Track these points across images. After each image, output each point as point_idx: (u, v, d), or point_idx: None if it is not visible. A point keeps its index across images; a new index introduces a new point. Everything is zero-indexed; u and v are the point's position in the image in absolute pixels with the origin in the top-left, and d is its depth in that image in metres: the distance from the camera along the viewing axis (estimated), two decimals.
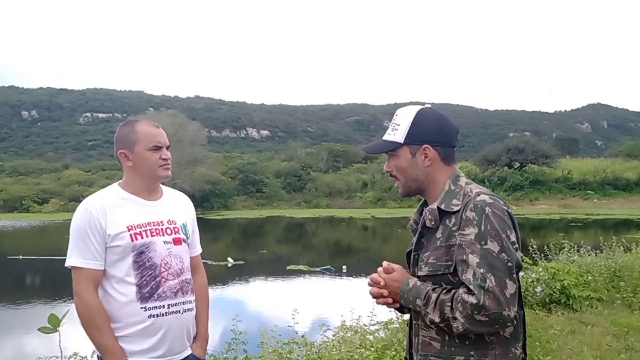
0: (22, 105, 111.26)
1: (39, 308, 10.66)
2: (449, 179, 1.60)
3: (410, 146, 1.61)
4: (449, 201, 1.54)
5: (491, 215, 1.45)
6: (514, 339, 1.52)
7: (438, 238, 1.54)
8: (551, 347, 4.76)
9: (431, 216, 1.56)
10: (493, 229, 1.43)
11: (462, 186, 1.57)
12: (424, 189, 1.64)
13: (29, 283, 15.63)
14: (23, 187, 50.81)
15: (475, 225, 1.44)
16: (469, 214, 1.47)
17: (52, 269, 16.41)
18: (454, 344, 1.50)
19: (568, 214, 36.54)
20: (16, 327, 9.41)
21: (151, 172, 2.03)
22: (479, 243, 1.42)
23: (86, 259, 1.92)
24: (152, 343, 1.94)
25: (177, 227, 2.06)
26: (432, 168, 1.60)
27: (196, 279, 2.14)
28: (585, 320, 5.94)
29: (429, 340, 1.54)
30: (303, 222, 35.98)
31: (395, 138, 1.62)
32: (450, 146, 1.63)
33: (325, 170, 56.88)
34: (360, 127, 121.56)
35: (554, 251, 8.51)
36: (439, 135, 1.60)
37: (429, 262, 1.54)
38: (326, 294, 11.82)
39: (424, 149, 1.59)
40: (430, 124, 1.61)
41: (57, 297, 11.77)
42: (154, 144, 2.02)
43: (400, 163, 1.64)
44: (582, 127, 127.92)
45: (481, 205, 1.47)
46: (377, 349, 4.22)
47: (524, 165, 48.17)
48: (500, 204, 1.50)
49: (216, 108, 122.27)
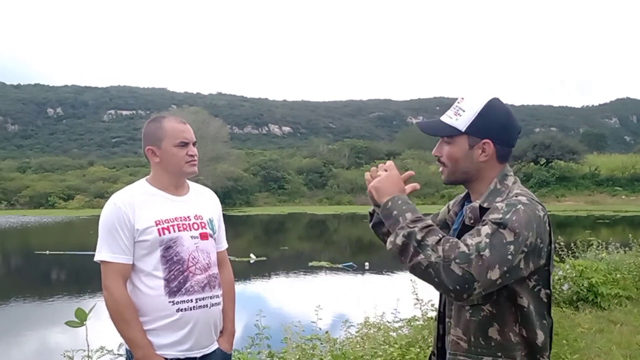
0: (47, 103, 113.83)
1: (66, 302, 10.89)
2: (496, 177, 1.52)
3: (470, 137, 1.50)
4: (492, 200, 1.47)
5: (521, 212, 1.38)
6: (543, 348, 1.47)
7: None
8: (579, 346, 4.67)
9: (471, 214, 1.48)
10: (517, 222, 1.36)
11: (509, 185, 1.50)
12: (471, 182, 1.56)
13: (56, 278, 15.99)
14: (49, 184, 51.96)
15: (502, 213, 1.38)
16: (498, 205, 1.41)
17: (78, 264, 16.77)
18: (479, 344, 1.46)
19: (595, 210, 35.82)
20: (44, 321, 9.64)
21: (178, 168, 2.05)
22: (497, 225, 1.35)
23: (115, 253, 1.95)
24: (180, 336, 1.96)
25: (203, 222, 2.08)
26: (486, 164, 1.51)
27: (223, 274, 2.15)
28: (614, 318, 5.82)
29: (457, 339, 1.51)
30: (325, 219, 36.02)
31: (456, 124, 1.51)
32: (510, 146, 1.54)
33: (347, 167, 56.83)
34: (383, 123, 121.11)
35: (581, 248, 8.35)
36: (502, 132, 1.52)
37: None
38: (348, 291, 11.81)
39: (484, 143, 1.50)
40: (497, 119, 1.51)
41: (83, 291, 12.02)
42: (180, 140, 2.03)
43: (454, 152, 1.52)
44: (610, 122, 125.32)
45: (514, 202, 1.41)
46: (401, 346, 4.19)
47: (550, 161, 47.39)
48: (537, 208, 1.42)
49: (238, 105, 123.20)
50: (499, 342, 1.44)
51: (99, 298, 2.00)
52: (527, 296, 1.44)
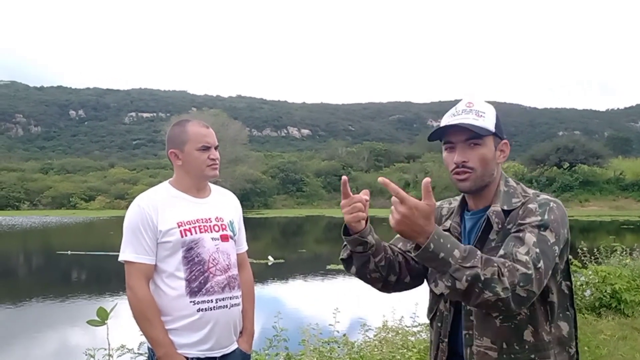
0: (69, 105, 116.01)
1: (87, 302, 11.06)
2: (501, 180, 1.53)
3: (495, 138, 1.49)
4: (510, 201, 1.48)
5: (555, 209, 1.41)
6: (569, 338, 1.48)
7: (492, 239, 1.46)
8: (601, 353, 4.61)
9: (497, 219, 1.46)
10: (555, 221, 1.39)
11: (514, 186, 1.51)
12: (487, 187, 1.51)
13: (77, 278, 16.21)
14: (71, 185, 52.97)
15: (539, 214, 1.39)
16: (531, 206, 1.42)
17: (98, 265, 17.01)
18: (513, 350, 1.42)
19: (620, 216, 35.16)
20: (65, 320, 9.80)
21: (199, 172, 2.08)
22: (538, 228, 1.37)
23: (139, 254, 1.98)
24: (201, 336, 1.99)
25: (224, 224, 2.11)
26: (499, 166, 1.52)
27: (242, 275, 2.17)
28: (637, 326, 5.72)
29: (484, 350, 1.45)
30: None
31: (485, 124, 1.46)
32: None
33: (366, 170, 56.80)
34: (403, 126, 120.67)
35: (604, 254, 8.20)
36: (504, 134, 1.54)
37: None
38: (366, 295, 11.77)
39: (505, 144, 1.51)
40: (499, 120, 1.52)
41: (104, 291, 12.19)
42: (203, 144, 2.07)
43: (486, 153, 1.46)
44: (636, 125, 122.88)
45: (545, 201, 1.43)
46: (420, 350, 4.18)
47: (574, 165, 46.70)
48: (560, 203, 1.46)
49: (258, 107, 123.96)
50: (533, 344, 1.42)
51: (119, 298, 2.04)
52: (555, 291, 1.45)
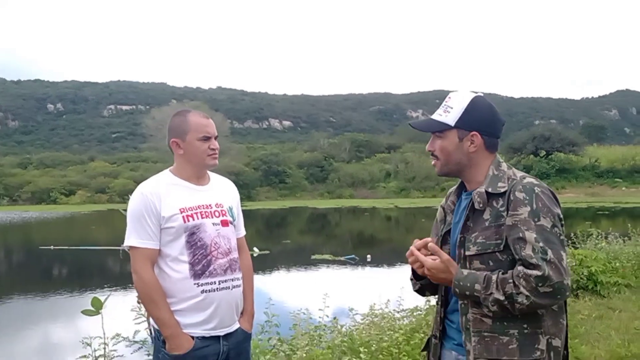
0: (47, 99, 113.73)
1: (78, 295, 11.06)
2: (491, 165, 1.67)
3: (459, 130, 1.66)
4: (495, 184, 1.62)
5: (541, 194, 1.55)
6: (561, 310, 1.61)
7: (486, 219, 1.60)
8: (579, 331, 4.81)
9: (480, 199, 1.61)
10: (544, 207, 1.53)
11: (505, 171, 1.65)
12: (464, 172, 1.70)
13: (64, 272, 16.14)
14: (50, 179, 52.19)
15: (527, 204, 1.53)
16: (518, 195, 1.55)
17: (83, 259, 16.94)
18: (505, 318, 1.56)
19: (595, 202, 35.99)
20: (59, 314, 9.79)
21: (200, 161, 2.17)
22: (532, 220, 1.51)
23: (143, 239, 2.07)
24: (205, 316, 2.09)
25: (224, 210, 2.21)
26: (476, 154, 1.67)
27: (242, 259, 2.27)
28: (612, 305, 5.96)
29: (480, 317, 1.59)
30: (326, 213, 36.18)
31: (446, 120, 1.67)
32: (496, 137, 1.70)
33: (348, 161, 57.00)
34: (383, 117, 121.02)
35: (581, 239, 8.48)
36: (488, 125, 1.67)
37: (478, 242, 1.59)
38: (352, 283, 11.96)
39: (472, 135, 1.66)
40: (482, 113, 1.67)
41: (92, 285, 12.18)
42: (204, 134, 2.15)
43: (446, 145, 1.69)
44: (610, 114, 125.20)
45: (529, 186, 1.56)
46: (406, 332, 4.33)
47: (550, 154, 47.53)
48: (545, 185, 1.60)
49: (238, 99, 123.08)
50: (524, 314, 1.54)
51: (111, 290, 2.13)
52: None
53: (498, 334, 1.57)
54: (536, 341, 1.55)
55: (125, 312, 3.59)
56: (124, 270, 15.12)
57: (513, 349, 1.55)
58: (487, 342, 1.58)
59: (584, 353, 4.23)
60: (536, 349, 1.55)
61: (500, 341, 1.56)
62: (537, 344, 1.55)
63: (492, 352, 1.57)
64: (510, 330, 1.56)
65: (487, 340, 1.58)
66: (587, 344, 4.52)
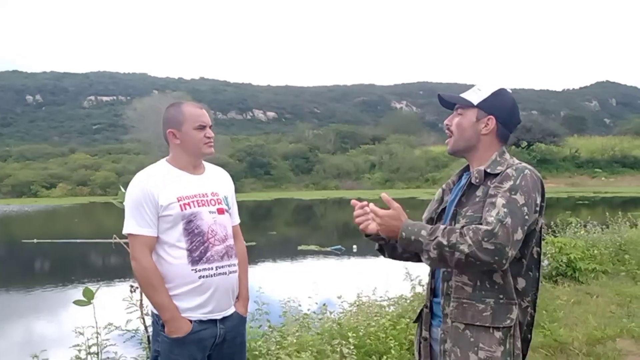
0: (26, 90, 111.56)
1: (64, 288, 11.03)
2: (496, 152, 1.81)
3: (479, 111, 1.80)
4: (494, 167, 1.76)
5: (528, 176, 1.69)
6: (524, 292, 1.74)
7: (477, 195, 1.74)
8: (557, 316, 4.99)
9: (477, 175, 1.76)
10: (526, 186, 1.66)
11: (507, 159, 1.79)
12: (471, 152, 1.83)
13: (49, 266, 16.02)
14: (31, 172, 51.36)
15: (512, 179, 1.67)
16: (509, 172, 1.70)
17: (68, 252, 16.83)
18: (484, 287, 1.71)
19: (576, 192, 36.61)
20: (47, 307, 9.76)
21: (197, 149, 2.25)
22: (509, 192, 1.64)
23: (142, 226, 2.14)
24: (202, 300, 2.17)
25: (219, 198, 2.29)
26: (486, 137, 1.81)
27: (237, 245, 2.36)
28: (590, 291, 6.18)
29: (461, 285, 1.74)
30: (311, 204, 36.29)
31: (471, 98, 1.81)
32: (509, 130, 1.84)
33: (333, 152, 57.09)
34: (367, 108, 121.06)
35: (561, 227, 8.71)
36: (506, 115, 1.81)
37: (467, 215, 1.74)
38: (339, 273, 12.10)
39: (488, 119, 1.79)
40: (505, 103, 1.81)
41: (79, 278, 12.14)
42: (199, 123, 2.24)
43: (462, 121, 1.82)
44: (590, 105, 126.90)
45: (522, 168, 1.72)
46: (392, 317, 4.47)
47: (532, 144, 48.13)
48: (537, 173, 1.74)
49: (221, 90, 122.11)
50: (502, 285, 1.70)
51: (100, 282, 2.19)
52: (527, 254, 1.73)
53: (475, 302, 1.71)
54: (509, 311, 1.70)
55: (115, 303, 3.65)
56: (112, 263, 15.11)
57: (486, 316, 1.69)
58: (465, 308, 1.72)
59: (562, 336, 4.40)
60: (508, 317, 1.69)
61: (476, 308, 1.70)
62: (509, 313, 1.69)
63: (467, 317, 1.72)
64: (487, 299, 1.70)
65: (464, 307, 1.72)
66: (565, 327, 4.71)
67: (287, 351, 3.60)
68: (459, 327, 1.73)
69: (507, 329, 1.69)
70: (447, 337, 1.75)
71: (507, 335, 1.69)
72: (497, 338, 1.68)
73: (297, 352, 3.60)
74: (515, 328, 1.71)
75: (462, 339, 1.72)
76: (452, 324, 1.75)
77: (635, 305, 5.35)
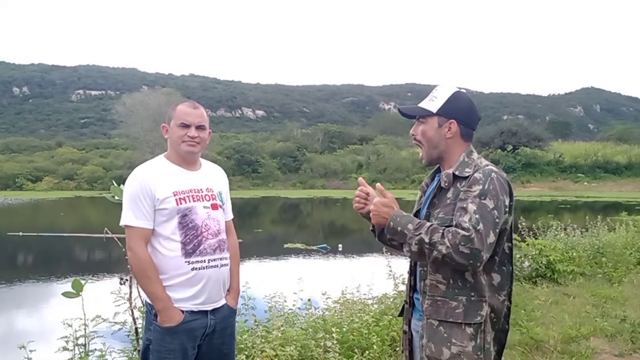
0: (13, 82, 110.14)
1: (55, 280, 11.00)
2: (464, 152, 1.92)
3: (439, 117, 1.91)
4: (462, 169, 1.87)
5: (495, 180, 1.79)
6: (500, 287, 1.87)
7: (448, 198, 1.86)
8: (535, 315, 5.15)
9: (446, 179, 1.88)
10: (494, 190, 1.77)
11: (474, 159, 1.90)
12: (443, 158, 1.95)
13: (36, 259, 15.89)
14: (16, 165, 50.67)
15: (481, 184, 1.78)
16: (477, 176, 1.80)
17: (54, 245, 16.72)
18: (457, 286, 1.82)
19: (559, 196, 37.10)
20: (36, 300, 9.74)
21: (176, 146, 2.33)
22: (479, 197, 1.75)
23: (138, 219, 2.23)
24: (194, 292, 2.26)
25: (214, 194, 2.38)
26: (452, 140, 1.92)
27: (229, 240, 2.45)
28: (568, 292, 6.36)
29: (436, 283, 1.86)
30: (298, 203, 36.32)
31: (430, 107, 1.92)
32: (471, 128, 1.95)
33: (320, 151, 57.12)
34: (356, 108, 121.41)
35: (542, 230, 8.90)
36: (465, 115, 1.93)
37: (439, 217, 1.85)
38: (324, 271, 12.21)
39: (450, 123, 1.90)
40: (462, 105, 1.92)
41: (67, 271, 12.10)
42: (182, 121, 2.31)
43: (426, 129, 1.93)
44: (575, 110, 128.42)
45: (488, 171, 1.82)
46: (375, 314, 4.60)
47: (517, 148, 48.65)
48: (504, 175, 1.85)
49: (211, 87, 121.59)
50: (473, 284, 1.82)
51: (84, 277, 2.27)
52: (499, 251, 1.85)
53: (449, 299, 1.83)
54: (480, 307, 1.82)
55: (103, 297, 3.72)
56: (98, 257, 15.07)
57: (459, 313, 1.81)
58: (439, 305, 1.85)
59: (539, 334, 4.55)
60: (478, 314, 1.81)
61: (449, 305, 1.83)
62: (480, 310, 1.81)
63: (440, 314, 1.84)
64: (459, 297, 1.82)
65: (438, 304, 1.85)
66: (542, 326, 4.86)
67: (272, 345, 3.70)
68: (433, 323, 1.85)
69: (477, 325, 1.80)
70: (424, 333, 1.88)
71: (478, 331, 1.80)
72: (469, 334, 1.80)
73: (282, 347, 3.69)
74: (486, 323, 1.82)
75: (436, 335, 1.84)
76: (427, 320, 1.87)
77: (610, 305, 5.54)
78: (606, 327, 4.76)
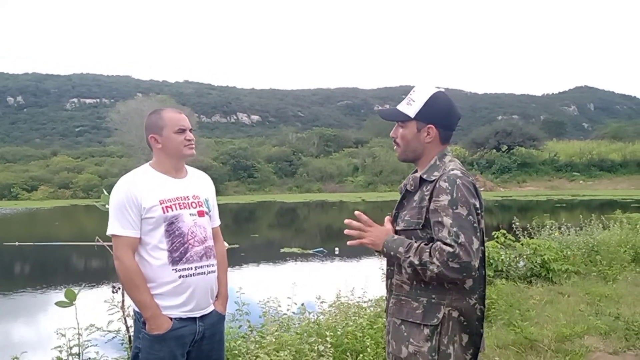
0: (7, 91, 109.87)
1: (44, 291, 10.95)
2: (437, 155, 1.92)
3: (418, 122, 1.89)
4: (430, 173, 1.87)
5: (461, 186, 1.78)
6: (471, 291, 1.85)
7: (414, 200, 1.88)
8: (530, 315, 5.16)
9: (412, 182, 1.91)
10: (463, 197, 1.76)
11: (445, 162, 1.89)
12: (419, 159, 1.95)
13: (33, 268, 15.82)
14: (11, 175, 50.53)
15: (448, 193, 1.77)
16: (442, 184, 1.79)
17: (49, 255, 16.66)
18: (419, 287, 1.85)
19: (554, 195, 37.20)
20: (31, 310, 9.69)
21: (178, 152, 2.35)
22: (451, 208, 1.75)
23: (125, 228, 2.24)
24: (182, 300, 2.27)
25: (200, 201, 2.39)
26: (430, 145, 1.92)
27: (216, 247, 2.47)
28: (562, 291, 6.37)
29: (401, 283, 1.91)
30: (295, 207, 36.31)
31: (408, 111, 1.90)
32: (451, 130, 1.95)
33: (316, 155, 57.15)
34: (351, 112, 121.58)
35: (536, 229, 8.92)
36: (444, 119, 1.91)
37: (405, 219, 1.89)
38: (320, 275, 12.20)
39: (429, 127, 1.89)
40: (440, 108, 1.89)
41: (63, 281, 12.05)
42: (179, 127, 2.35)
43: (405, 134, 1.93)
44: (569, 109, 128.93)
45: (453, 177, 1.80)
46: (370, 317, 4.59)
47: (512, 148, 48.81)
48: (468, 178, 1.83)
49: (206, 93, 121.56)
50: (435, 286, 1.83)
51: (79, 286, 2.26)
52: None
53: (411, 300, 1.87)
54: (437, 310, 1.83)
55: (97, 306, 3.70)
56: (94, 265, 15.02)
57: (419, 314, 1.84)
58: (402, 305, 1.89)
59: (533, 333, 4.56)
60: (435, 316, 1.83)
61: (411, 305, 1.87)
62: (437, 313, 1.83)
63: (402, 313, 1.88)
64: (420, 298, 1.85)
65: (402, 303, 1.89)
66: (536, 325, 4.86)
67: (266, 350, 3.70)
68: (396, 322, 1.90)
69: (434, 327, 1.82)
70: (390, 329, 1.93)
71: (434, 333, 1.82)
72: (425, 335, 1.82)
73: (276, 352, 3.69)
74: (442, 326, 1.83)
75: (398, 333, 1.89)
76: (391, 318, 1.92)
77: (604, 303, 5.56)
78: (600, 325, 4.77)
